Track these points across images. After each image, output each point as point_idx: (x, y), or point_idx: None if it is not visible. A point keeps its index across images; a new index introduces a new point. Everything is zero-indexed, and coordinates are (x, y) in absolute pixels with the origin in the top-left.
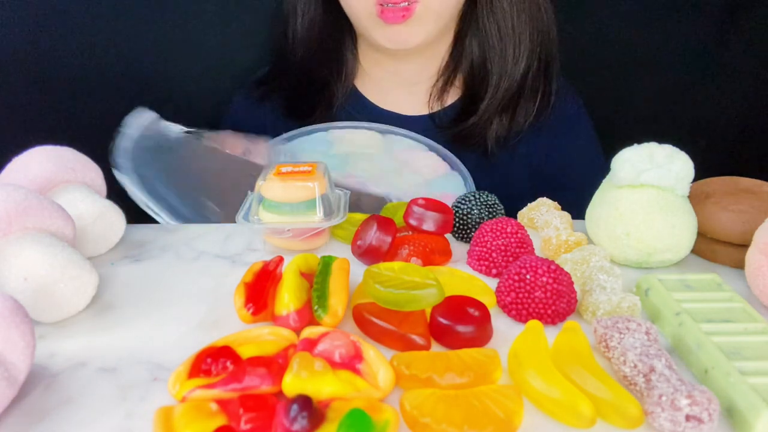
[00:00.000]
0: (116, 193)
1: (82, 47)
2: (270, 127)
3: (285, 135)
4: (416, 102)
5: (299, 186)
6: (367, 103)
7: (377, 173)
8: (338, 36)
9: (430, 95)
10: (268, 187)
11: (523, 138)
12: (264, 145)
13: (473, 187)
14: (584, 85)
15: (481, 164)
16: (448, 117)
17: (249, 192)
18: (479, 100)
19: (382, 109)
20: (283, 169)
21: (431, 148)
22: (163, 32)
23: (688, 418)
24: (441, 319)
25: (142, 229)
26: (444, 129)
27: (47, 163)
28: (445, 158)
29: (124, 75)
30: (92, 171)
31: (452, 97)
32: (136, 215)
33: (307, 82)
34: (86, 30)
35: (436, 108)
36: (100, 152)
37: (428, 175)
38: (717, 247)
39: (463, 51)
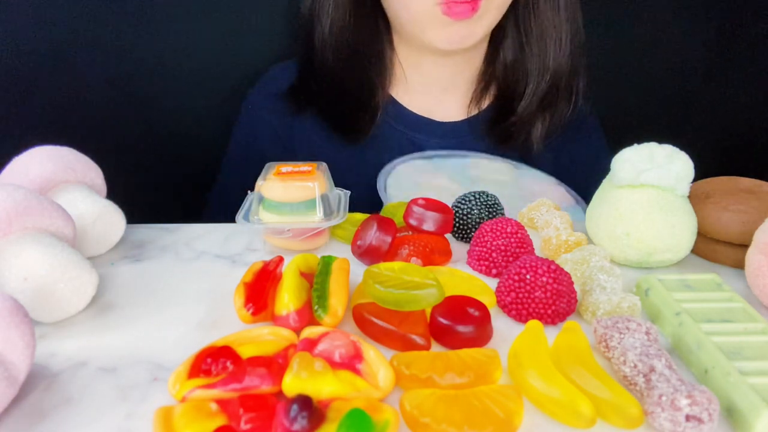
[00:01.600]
0: (116, 193)
1: (82, 46)
2: (305, 141)
3: (423, 153)
4: (451, 108)
5: (299, 186)
6: (404, 111)
7: (504, 197)
8: (375, 42)
9: (471, 98)
10: (268, 187)
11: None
12: None
13: None
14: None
15: None
16: (486, 120)
17: (249, 192)
18: (515, 101)
19: (420, 116)
20: (283, 169)
21: (560, 184)
22: (164, 31)
23: (688, 418)
24: (441, 319)
25: (142, 229)
26: (485, 131)
27: (47, 163)
28: (570, 193)
29: (125, 75)
30: (92, 171)
31: (486, 101)
32: (136, 215)
33: (351, 92)
34: (86, 29)
35: (474, 112)
36: (100, 152)
37: None
38: (717, 247)
39: (499, 52)
